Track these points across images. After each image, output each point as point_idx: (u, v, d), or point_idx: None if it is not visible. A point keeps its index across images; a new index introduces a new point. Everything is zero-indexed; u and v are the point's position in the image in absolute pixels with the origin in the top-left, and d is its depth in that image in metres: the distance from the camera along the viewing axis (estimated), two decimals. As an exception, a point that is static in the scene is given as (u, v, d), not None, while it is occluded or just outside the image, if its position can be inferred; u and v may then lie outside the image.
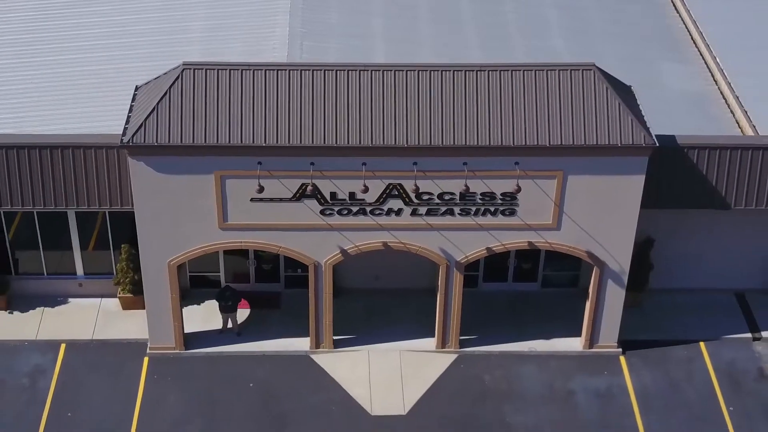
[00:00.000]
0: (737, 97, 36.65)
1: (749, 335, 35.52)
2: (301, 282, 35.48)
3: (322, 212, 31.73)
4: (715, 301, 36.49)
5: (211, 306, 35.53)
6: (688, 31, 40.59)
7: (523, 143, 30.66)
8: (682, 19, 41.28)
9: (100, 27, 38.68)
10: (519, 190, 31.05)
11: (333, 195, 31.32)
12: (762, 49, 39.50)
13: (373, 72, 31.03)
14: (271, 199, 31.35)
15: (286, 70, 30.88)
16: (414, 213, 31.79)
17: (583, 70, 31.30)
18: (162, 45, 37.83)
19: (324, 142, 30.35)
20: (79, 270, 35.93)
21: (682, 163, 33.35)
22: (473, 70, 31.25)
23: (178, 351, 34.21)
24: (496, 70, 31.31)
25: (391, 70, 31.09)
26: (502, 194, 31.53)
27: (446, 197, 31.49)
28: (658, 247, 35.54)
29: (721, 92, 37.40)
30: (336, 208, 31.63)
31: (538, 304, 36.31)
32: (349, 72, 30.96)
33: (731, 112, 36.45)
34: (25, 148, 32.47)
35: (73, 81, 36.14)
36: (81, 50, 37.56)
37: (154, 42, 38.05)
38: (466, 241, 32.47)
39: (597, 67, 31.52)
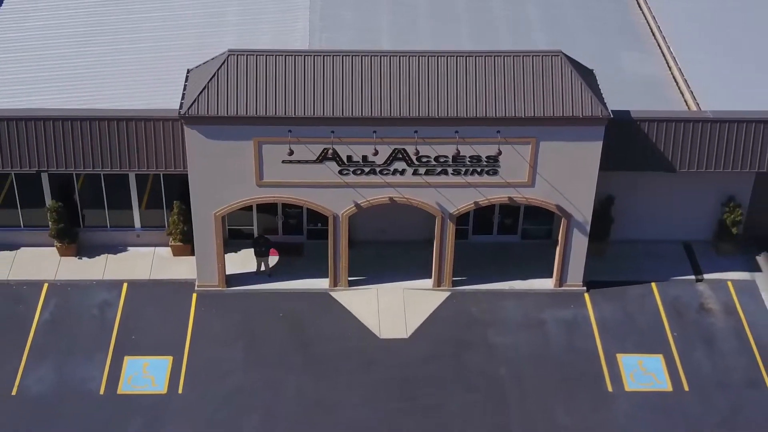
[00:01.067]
0: (686, 80, 43.84)
1: (693, 277, 42.70)
2: (321, 234, 42.65)
3: (340, 172, 38.86)
4: (665, 250, 43.71)
5: (247, 253, 42.69)
6: (649, 25, 47.79)
7: (503, 115, 37.79)
8: (644, 15, 48.47)
9: (148, 21, 45.97)
10: (500, 153, 38.26)
11: (349, 158, 38.48)
12: (709, 41, 46.69)
13: (382, 57, 38.15)
14: (299, 161, 38.49)
15: (311, 55, 38.05)
16: (415, 173, 38.93)
17: (552, 56, 38.43)
18: (201, 36, 45.02)
19: (342, 114, 37.49)
20: (137, 223, 43.12)
21: (636, 133, 40.47)
22: (463, 56, 38.38)
23: (220, 288, 41.43)
24: (482, 56, 38.43)
25: (396, 56, 38.22)
26: (486, 157, 38.66)
27: (441, 159, 38.63)
28: (618, 204, 42.71)
29: (673, 76, 44.56)
30: (351, 169, 38.77)
31: (517, 253, 43.49)
32: (362, 57, 38.09)
33: (681, 92, 43.61)
34: (96, 120, 39.64)
35: (125, 66, 43.38)
36: (133, 41, 44.81)
37: (194, 34, 45.27)
38: (458, 196, 39.64)
39: (563, 54, 38.62)
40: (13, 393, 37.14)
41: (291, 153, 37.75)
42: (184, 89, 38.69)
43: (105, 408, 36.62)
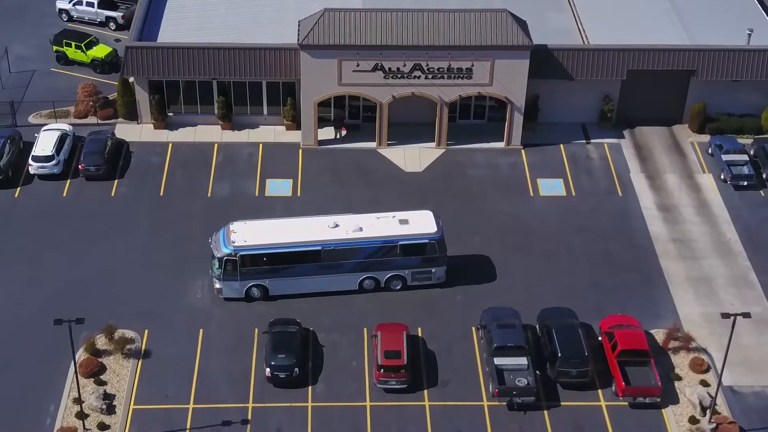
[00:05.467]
0: (584, 29, 75.08)
1: (584, 141, 74.05)
2: (370, 119, 73.86)
3: (383, 77, 70.02)
4: (569, 127, 75.16)
5: (328, 129, 73.81)
6: (566, -4, 79.29)
7: (474, 44, 68.93)
8: (564, -9, 79.88)
9: (266, -5, 77.81)
10: (473, 65, 69.38)
11: (389, 68, 69.66)
12: (602, 6, 77.73)
13: (407, 12, 69.31)
14: (362, 71, 69.62)
15: (368, 11, 69.16)
16: (426, 77, 70.05)
17: (501, 12, 69.57)
18: (299, 3, 76.20)
19: (385, 43, 68.57)
20: (265, 111, 74.40)
21: (551, 57, 71.69)
22: (453, 12, 69.52)
23: (315, 146, 72.76)
24: (464, 12, 69.55)
25: (415, 12, 69.42)
26: (465, 68, 69.82)
27: (440, 69, 69.74)
28: (541, 99, 73.94)
29: (578, 28, 75.72)
30: (390, 75, 69.87)
31: (484, 128, 74.84)
32: (396, 12, 69.24)
33: (580, 35, 74.82)
34: (243, 49, 71.11)
35: (258, 19, 74.91)
36: (259, 7, 76.18)
37: (293, 2, 76.48)
38: (449, 91, 70.90)
39: (508, 11, 69.67)
40: (209, 195, 68.64)
41: (358, 65, 68.93)
42: (298, 32, 69.78)
43: (260, 202, 68.25)
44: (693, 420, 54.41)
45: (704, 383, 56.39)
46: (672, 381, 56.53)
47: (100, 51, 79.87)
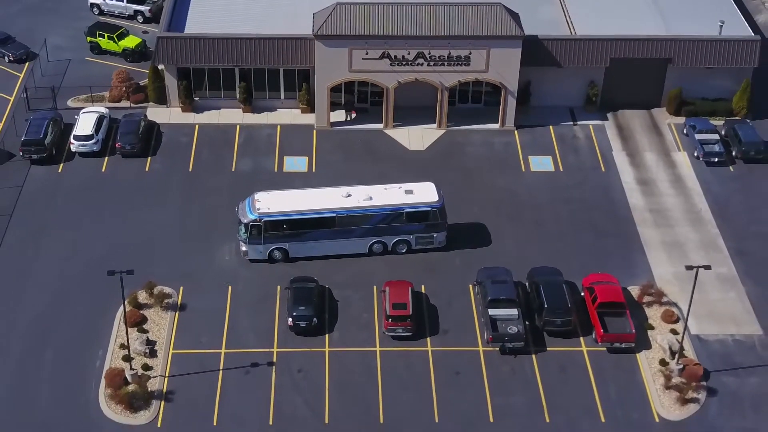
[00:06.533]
0: (571, 21, 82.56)
1: (571, 123, 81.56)
2: (377, 103, 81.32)
3: (390, 64, 77.47)
4: (558, 110, 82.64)
5: (340, 112, 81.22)
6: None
7: (472, 34, 76.40)
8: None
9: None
10: (470, 54, 76.77)
11: (395, 56, 77.14)
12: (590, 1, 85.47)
13: (410, 5, 76.73)
14: (370, 58, 77.08)
15: (377, 5, 76.62)
16: (428, 64, 77.48)
17: (495, 5, 76.98)
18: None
19: (391, 33, 76.02)
20: (282, 95, 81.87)
21: (541, 46, 79.19)
22: (454, 5, 76.93)
23: (328, 127, 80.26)
24: (462, 5, 77.01)
25: (418, 5, 76.83)
26: (464, 56, 77.31)
27: (440, 57, 77.20)
28: (533, 85, 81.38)
29: (566, 19, 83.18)
30: (396, 63, 77.30)
31: (481, 111, 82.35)
32: (403, 6, 76.71)
33: (568, 26, 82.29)
34: (263, 39, 78.55)
35: (276, 12, 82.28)
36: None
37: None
38: (449, 76, 78.40)
39: (502, 4, 77.12)
40: (233, 170, 76.23)
41: (367, 53, 76.41)
42: (313, 23, 77.23)
43: (278, 177, 75.93)
44: (663, 362, 62.05)
45: (674, 332, 64.01)
46: (645, 330, 64.20)
47: (130, 41, 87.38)
